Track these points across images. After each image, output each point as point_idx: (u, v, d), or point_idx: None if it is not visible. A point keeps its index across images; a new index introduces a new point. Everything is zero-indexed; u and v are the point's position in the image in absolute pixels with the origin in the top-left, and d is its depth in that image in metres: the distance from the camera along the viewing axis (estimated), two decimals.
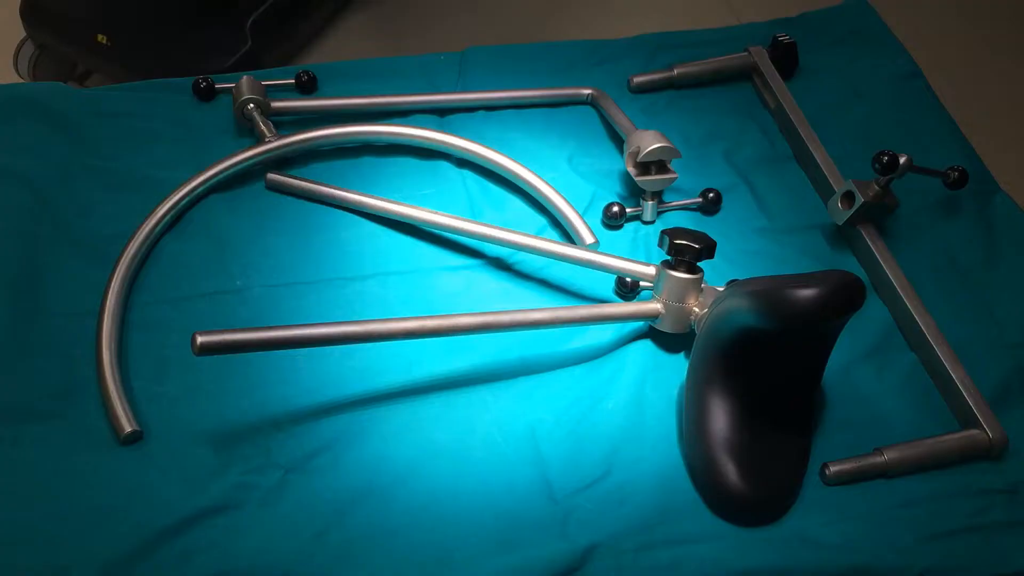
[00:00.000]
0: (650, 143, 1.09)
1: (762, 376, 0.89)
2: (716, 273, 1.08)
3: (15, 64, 1.75)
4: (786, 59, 1.30)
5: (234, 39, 1.71)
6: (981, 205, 1.17)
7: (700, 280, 0.97)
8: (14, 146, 1.08)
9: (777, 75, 1.27)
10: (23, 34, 1.72)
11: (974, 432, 0.94)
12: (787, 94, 1.25)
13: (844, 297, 0.82)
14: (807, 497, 0.91)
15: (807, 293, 0.80)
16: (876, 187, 1.08)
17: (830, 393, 0.99)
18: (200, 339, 0.77)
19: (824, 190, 1.17)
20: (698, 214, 1.15)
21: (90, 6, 1.64)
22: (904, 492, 0.92)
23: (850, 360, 1.02)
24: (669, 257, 0.97)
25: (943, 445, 0.94)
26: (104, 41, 1.62)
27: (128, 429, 0.87)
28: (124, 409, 0.88)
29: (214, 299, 0.99)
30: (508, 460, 0.90)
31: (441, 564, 0.82)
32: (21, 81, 1.74)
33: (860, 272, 1.10)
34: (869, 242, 1.09)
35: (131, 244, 0.99)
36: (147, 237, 1.01)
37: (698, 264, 0.98)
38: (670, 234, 0.96)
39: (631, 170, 1.11)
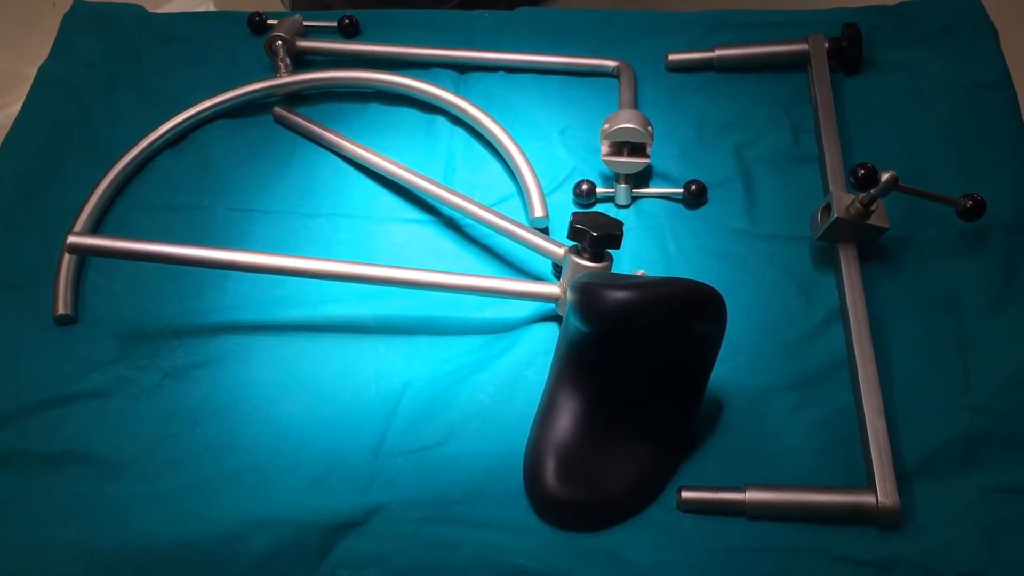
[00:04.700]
0: (620, 122, 1.04)
1: (608, 380, 0.84)
2: (672, 271, 1.02)
3: None
4: (849, 51, 1.16)
5: None
6: (1016, 246, 0.99)
7: (605, 269, 0.92)
8: (76, 56, 1.24)
9: (825, 66, 1.14)
10: None
11: (861, 493, 0.83)
12: (826, 87, 1.12)
13: (667, 306, 0.75)
14: (651, 517, 0.85)
15: (616, 295, 0.75)
16: (858, 204, 0.95)
17: (732, 415, 0.91)
18: (70, 239, 0.87)
19: None
20: (680, 206, 1.08)
21: None
22: (760, 537, 0.83)
23: (773, 386, 0.92)
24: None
25: (817, 499, 0.83)
26: None
27: (60, 311, 0.99)
28: (65, 294, 1.00)
29: (180, 213, 1.09)
30: (368, 409, 0.92)
31: (254, 487, 0.87)
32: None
33: (833, 296, 0.98)
34: (843, 264, 0.97)
35: (127, 154, 1.12)
36: (144, 150, 1.12)
37: (607, 252, 0.93)
38: (576, 217, 0.92)
39: (602, 148, 1.06)
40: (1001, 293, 0.96)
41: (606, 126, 1.05)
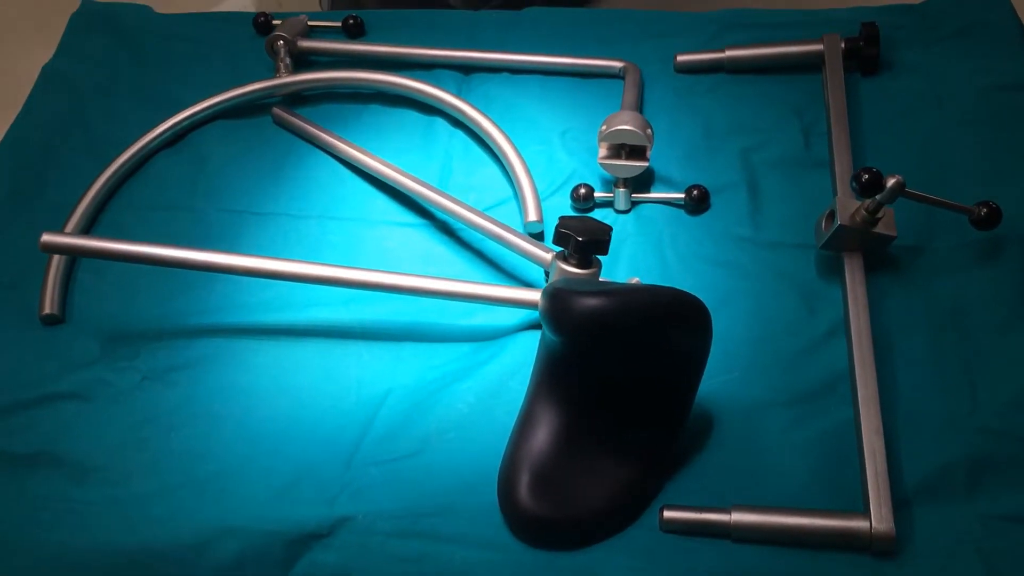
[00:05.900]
0: (617, 124, 1.00)
1: (586, 392, 0.80)
2: (670, 280, 0.98)
3: None
4: (866, 51, 1.10)
5: None
6: None
7: (593, 276, 0.88)
8: (79, 54, 1.24)
9: (839, 67, 1.09)
10: None
11: (854, 517, 0.78)
12: (840, 89, 1.07)
13: (641, 315, 0.71)
14: (630, 537, 0.81)
15: (584, 302, 0.71)
16: (864, 211, 0.90)
17: (723, 431, 0.86)
18: (43, 237, 0.86)
19: None
20: (681, 212, 1.03)
21: None
22: (745, 561, 0.78)
23: (769, 401, 0.88)
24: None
25: (807, 523, 0.78)
26: None
27: (46, 311, 0.98)
28: (52, 294, 1.00)
29: (171, 214, 1.08)
30: (346, 417, 0.90)
31: (222, 495, 0.84)
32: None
33: (837, 308, 0.93)
34: (848, 274, 0.92)
35: (123, 154, 1.11)
36: (140, 150, 1.12)
37: (596, 258, 0.89)
38: (562, 221, 0.88)
39: (600, 150, 1.03)
40: (1014, 307, 0.90)
41: (604, 127, 1.01)
